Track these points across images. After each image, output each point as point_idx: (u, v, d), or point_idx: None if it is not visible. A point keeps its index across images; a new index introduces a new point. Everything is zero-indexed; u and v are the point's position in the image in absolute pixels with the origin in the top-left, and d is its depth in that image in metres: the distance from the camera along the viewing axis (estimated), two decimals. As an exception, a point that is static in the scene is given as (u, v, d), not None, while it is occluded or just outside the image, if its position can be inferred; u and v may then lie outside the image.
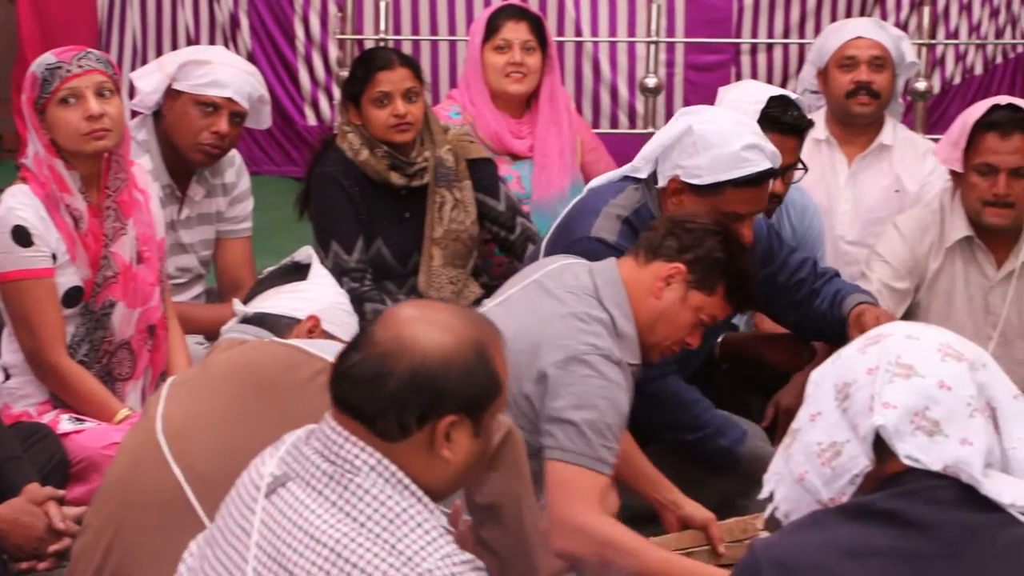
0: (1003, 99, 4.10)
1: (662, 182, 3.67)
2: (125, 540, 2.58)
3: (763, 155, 3.61)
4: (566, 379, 3.13)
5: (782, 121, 3.97)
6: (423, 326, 2.07)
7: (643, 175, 3.72)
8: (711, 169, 3.60)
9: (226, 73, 4.13)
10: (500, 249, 4.57)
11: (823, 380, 2.06)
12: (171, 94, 4.13)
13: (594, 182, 3.90)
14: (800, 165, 4.08)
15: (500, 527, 2.71)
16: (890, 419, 1.97)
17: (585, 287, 3.27)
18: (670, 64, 6.18)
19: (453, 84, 5.70)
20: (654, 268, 3.27)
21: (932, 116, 6.06)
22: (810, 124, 4.10)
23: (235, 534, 2.09)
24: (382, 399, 2.03)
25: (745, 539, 3.37)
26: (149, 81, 4.14)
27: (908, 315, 4.20)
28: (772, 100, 3.99)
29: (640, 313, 3.27)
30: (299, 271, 3.25)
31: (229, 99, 4.09)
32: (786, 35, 6.21)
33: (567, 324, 3.20)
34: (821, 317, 3.87)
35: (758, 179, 3.63)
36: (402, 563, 1.95)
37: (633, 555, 3.02)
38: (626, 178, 3.77)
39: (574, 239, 3.68)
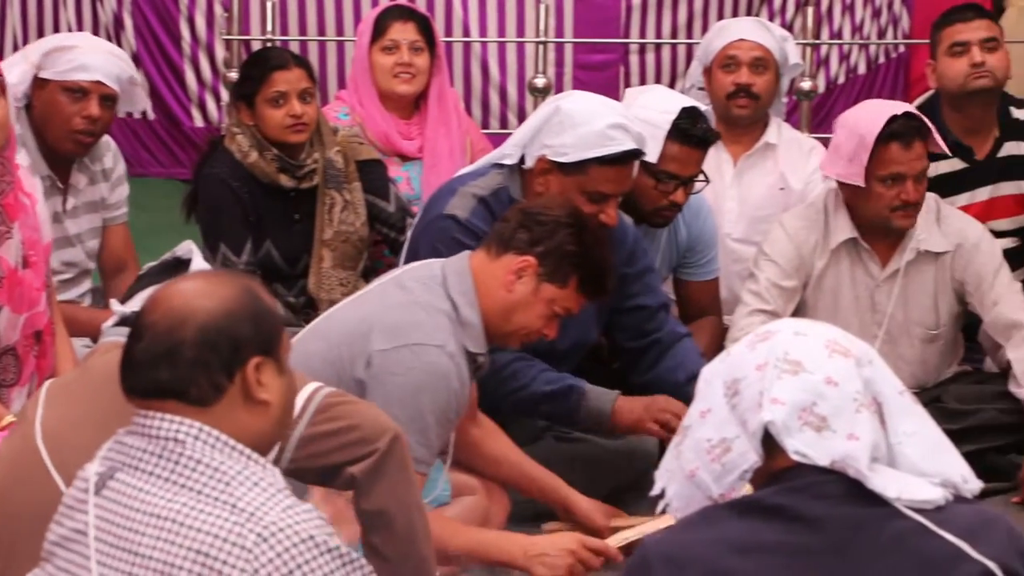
0: (889, 107, 4.13)
1: (530, 162, 3.71)
2: (6, 551, 2.52)
3: (628, 135, 3.67)
4: (389, 368, 3.13)
5: (691, 134, 4.02)
6: (189, 293, 2.10)
7: (511, 160, 3.76)
8: (577, 147, 3.65)
9: (92, 57, 4.10)
10: (390, 250, 4.56)
11: (713, 377, 2.08)
12: (38, 84, 4.10)
13: (463, 170, 3.94)
14: (702, 176, 4.12)
15: (389, 532, 2.71)
16: (779, 415, 1.99)
17: (434, 276, 3.29)
18: (559, 64, 6.19)
19: (341, 85, 5.67)
20: (505, 261, 3.28)
21: (817, 115, 6.13)
22: (716, 137, 4.14)
23: (71, 539, 2.07)
24: (185, 369, 2.04)
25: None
26: (15, 73, 4.07)
27: (796, 313, 4.25)
28: (683, 112, 4.02)
29: (491, 304, 3.27)
30: (180, 267, 3.21)
31: (98, 82, 4.06)
32: (674, 35, 6.24)
33: (405, 312, 3.21)
34: (657, 376, 3.94)
35: (623, 158, 3.68)
36: (245, 519, 1.96)
37: (439, 543, 3.01)
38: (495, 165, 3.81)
39: (429, 218, 3.73)
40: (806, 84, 5.81)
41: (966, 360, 4.54)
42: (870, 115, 4.14)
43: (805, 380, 2.00)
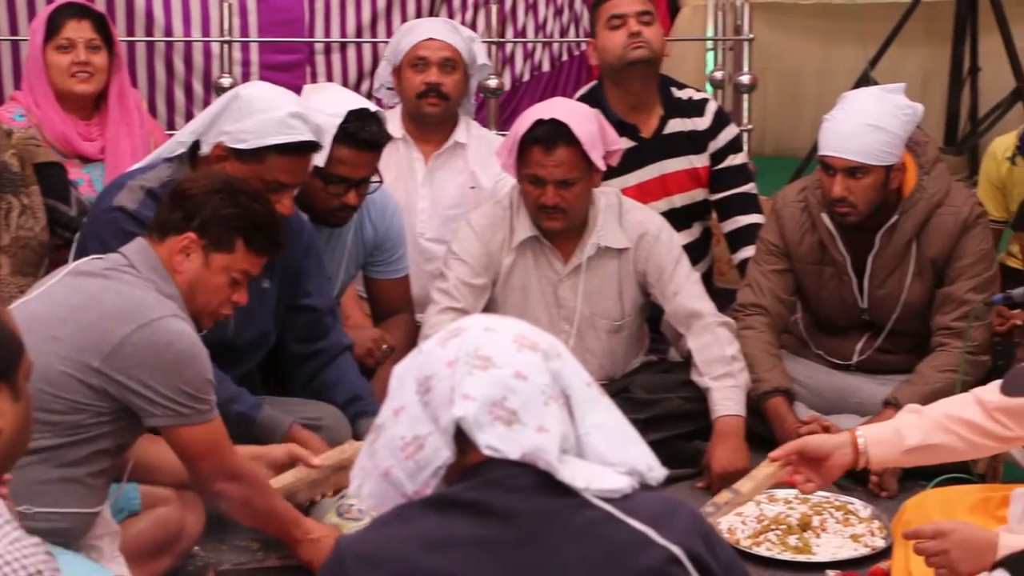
0: (550, 110, 4.19)
1: (206, 149, 3.67)
2: None
3: (307, 126, 3.67)
4: (147, 347, 3.08)
5: (359, 137, 4.01)
6: None
7: (184, 148, 3.71)
8: (256, 133, 3.63)
9: None
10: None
11: (405, 375, 2.07)
12: None
13: (134, 166, 3.89)
14: (376, 178, 4.12)
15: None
16: (470, 410, 2.00)
17: (120, 263, 3.23)
18: (245, 63, 6.11)
19: (17, 85, 5.47)
20: (169, 244, 3.26)
21: (504, 112, 6.22)
22: (387, 138, 4.14)
23: None
24: None
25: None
26: None
27: (487, 310, 4.30)
28: (350, 114, 4.01)
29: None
30: None
31: None
32: (359, 35, 6.24)
33: (121, 296, 3.15)
34: (315, 393, 3.97)
35: (301, 148, 3.67)
36: None
37: (268, 495, 3.33)
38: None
39: (96, 212, 3.69)
40: (492, 82, 5.89)
41: (652, 350, 4.67)
42: (530, 114, 4.21)
43: (495, 375, 2.02)
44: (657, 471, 2.06)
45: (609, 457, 2.04)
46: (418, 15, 6.21)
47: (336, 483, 3.62)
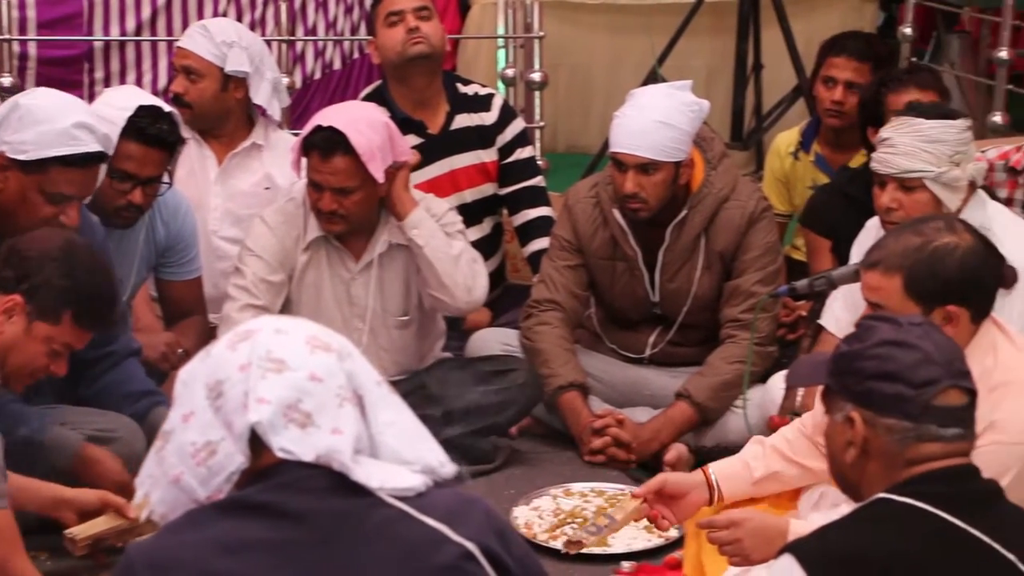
0: (332, 116, 4.14)
1: None
2: None
3: (94, 136, 3.58)
4: None
5: (148, 133, 3.93)
6: None
7: None
8: (37, 144, 3.54)
9: None
10: None
11: (193, 379, 2.04)
12: None
13: None
14: (166, 179, 4.05)
15: None
16: (265, 414, 1.98)
17: None
18: (23, 58, 5.96)
19: None
20: None
21: (296, 111, 6.17)
22: (179, 139, 4.06)
23: None
24: None
25: None
26: None
27: (282, 308, 4.27)
28: (140, 109, 3.93)
29: None
30: None
31: None
32: (139, 31, 6.13)
33: None
34: (104, 388, 3.87)
35: (85, 160, 3.58)
36: None
37: None
38: None
39: None
40: (284, 81, 5.84)
41: (448, 347, 4.68)
42: (317, 117, 4.17)
43: (289, 378, 2.00)
44: (448, 467, 2.07)
45: (403, 455, 2.04)
46: (199, 12, 6.11)
47: (150, 532, 3.49)
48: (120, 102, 3.95)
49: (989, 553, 2.21)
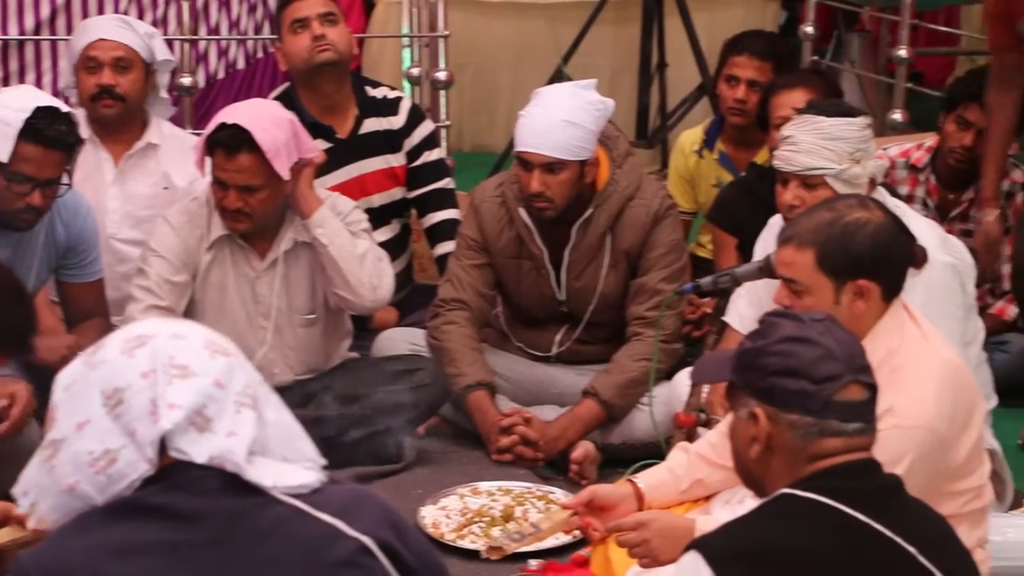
0: (237, 114, 4.12)
1: None
2: None
3: None
4: None
5: (45, 135, 3.88)
6: None
7: None
8: None
9: None
10: None
11: (84, 387, 2.01)
12: None
13: None
14: (66, 180, 4.00)
15: None
16: (177, 419, 1.97)
17: None
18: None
19: None
20: None
21: (199, 111, 6.11)
22: (77, 140, 4.01)
23: None
24: None
25: None
26: None
27: (187, 308, 4.24)
28: (38, 111, 3.88)
29: None
30: None
31: None
32: (37, 31, 6.04)
33: None
34: None
35: None
36: None
37: None
38: None
39: None
40: (186, 80, 5.79)
41: (355, 347, 4.66)
42: (221, 114, 4.15)
43: (196, 383, 1.99)
44: (320, 462, 2.08)
45: (284, 453, 2.05)
46: (100, 10, 6.03)
47: None
48: (16, 103, 3.90)
49: (890, 546, 2.24)
